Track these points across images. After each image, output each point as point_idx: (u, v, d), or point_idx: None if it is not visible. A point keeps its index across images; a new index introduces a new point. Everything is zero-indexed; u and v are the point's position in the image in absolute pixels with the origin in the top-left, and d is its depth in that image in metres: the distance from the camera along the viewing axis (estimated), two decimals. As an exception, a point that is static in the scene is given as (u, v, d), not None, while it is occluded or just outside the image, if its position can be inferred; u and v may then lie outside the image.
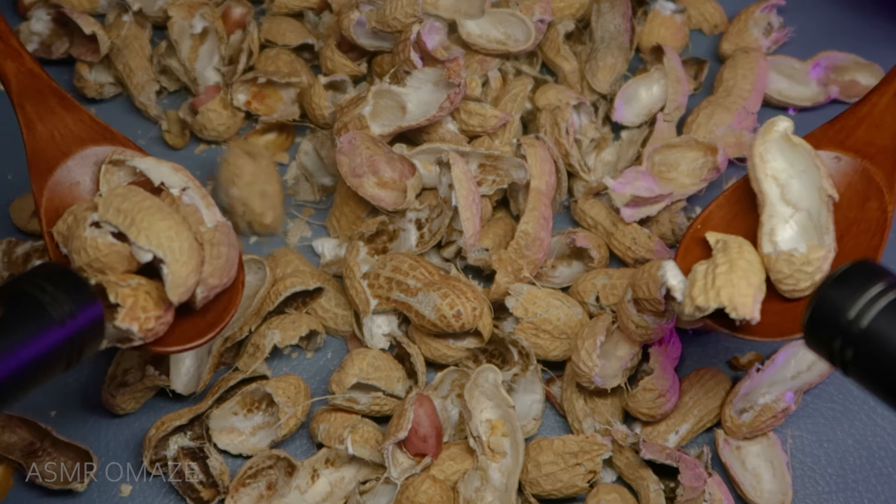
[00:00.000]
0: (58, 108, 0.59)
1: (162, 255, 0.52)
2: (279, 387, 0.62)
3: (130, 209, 0.52)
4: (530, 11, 0.72)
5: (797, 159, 0.56)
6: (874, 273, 0.46)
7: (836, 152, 0.57)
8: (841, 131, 0.58)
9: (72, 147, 0.58)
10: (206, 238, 0.54)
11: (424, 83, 0.67)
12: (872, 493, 0.61)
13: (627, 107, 0.72)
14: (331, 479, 0.61)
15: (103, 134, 0.59)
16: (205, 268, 0.54)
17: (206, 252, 0.54)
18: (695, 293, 0.52)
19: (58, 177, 0.57)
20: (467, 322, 0.61)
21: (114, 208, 0.53)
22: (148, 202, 0.53)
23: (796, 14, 0.78)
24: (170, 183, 0.56)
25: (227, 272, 0.55)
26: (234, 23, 0.76)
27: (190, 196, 0.55)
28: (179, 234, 0.52)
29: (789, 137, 0.56)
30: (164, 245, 0.52)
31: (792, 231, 0.55)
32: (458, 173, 0.62)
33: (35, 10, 0.76)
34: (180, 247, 0.52)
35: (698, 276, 0.53)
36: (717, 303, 0.52)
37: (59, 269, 0.50)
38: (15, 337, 0.46)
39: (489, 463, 0.59)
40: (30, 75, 0.60)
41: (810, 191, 0.55)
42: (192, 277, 0.53)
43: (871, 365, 0.44)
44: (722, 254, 0.54)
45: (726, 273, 0.52)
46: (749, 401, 0.61)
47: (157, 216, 0.52)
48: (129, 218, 0.52)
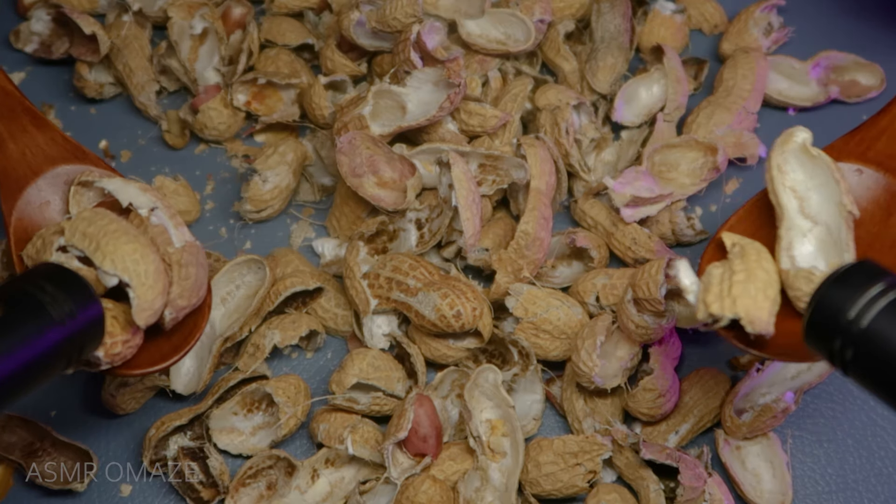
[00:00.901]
0: (30, 126, 0.59)
1: (127, 279, 0.51)
2: (279, 387, 0.62)
3: (95, 233, 0.52)
4: (530, 11, 0.72)
5: (816, 171, 0.54)
6: (874, 273, 0.46)
7: (858, 165, 0.56)
8: (861, 143, 0.57)
9: (43, 166, 0.57)
10: (174, 259, 0.54)
11: (424, 83, 0.67)
12: (872, 493, 0.61)
13: (627, 107, 0.72)
14: (331, 479, 0.61)
15: (75, 153, 0.59)
16: (173, 289, 0.53)
17: (174, 273, 0.53)
18: (709, 299, 0.51)
19: (28, 196, 0.57)
20: (467, 322, 0.61)
21: (79, 233, 0.52)
22: (113, 225, 0.52)
23: (796, 14, 0.78)
24: (138, 203, 0.55)
25: (195, 293, 0.54)
26: (234, 23, 0.76)
27: (158, 216, 0.55)
28: (145, 257, 0.52)
29: (808, 149, 0.54)
30: (130, 269, 0.51)
31: (810, 246, 0.53)
32: (458, 173, 0.62)
33: (35, 10, 0.76)
34: (146, 270, 0.52)
35: (713, 280, 0.51)
36: (732, 313, 0.50)
37: (59, 269, 0.50)
38: (15, 337, 0.46)
39: (489, 463, 0.59)
40: (2, 93, 0.59)
41: (829, 205, 0.54)
42: (159, 300, 0.52)
43: (871, 365, 0.44)
44: (739, 260, 0.52)
45: (743, 282, 0.51)
46: (749, 401, 0.61)
47: (123, 239, 0.52)
48: (95, 242, 0.52)
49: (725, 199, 0.71)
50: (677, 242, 0.69)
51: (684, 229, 0.68)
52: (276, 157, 0.70)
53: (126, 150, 0.74)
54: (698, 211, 0.71)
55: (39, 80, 0.77)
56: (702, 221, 0.70)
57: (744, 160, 0.70)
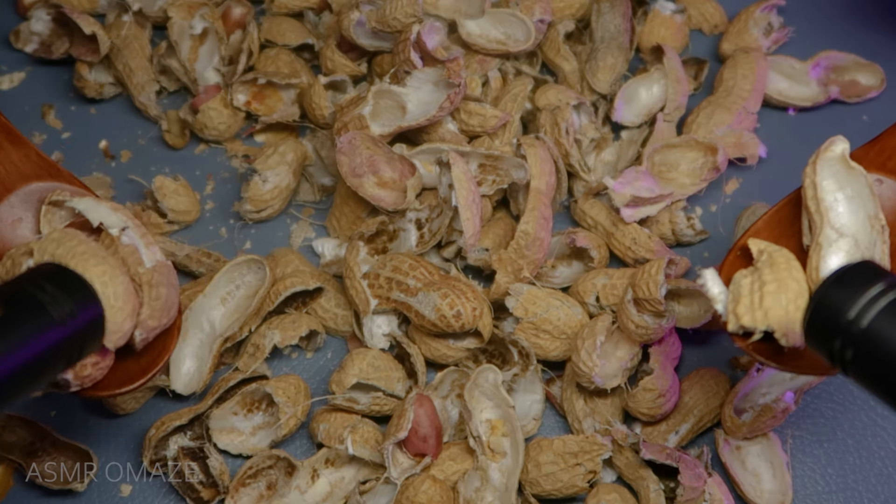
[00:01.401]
0: (4, 142, 0.58)
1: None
2: (279, 387, 0.62)
3: (64, 255, 0.51)
4: (530, 11, 0.72)
5: (850, 183, 0.53)
6: (874, 273, 0.46)
7: (878, 175, 0.55)
8: (882, 153, 0.56)
9: (15, 183, 0.57)
10: (144, 279, 0.53)
11: (424, 83, 0.67)
12: (872, 493, 0.61)
13: (627, 107, 0.72)
14: (331, 479, 0.61)
15: (49, 171, 0.58)
16: (143, 310, 0.53)
17: (145, 293, 0.53)
18: (740, 311, 0.49)
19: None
20: (467, 322, 0.61)
21: (48, 254, 0.52)
22: (82, 247, 0.52)
23: (796, 14, 0.78)
24: (108, 223, 0.55)
25: (166, 313, 0.54)
26: (234, 23, 0.76)
27: (129, 236, 0.54)
28: (114, 279, 0.51)
29: (846, 160, 0.53)
30: (99, 291, 0.51)
31: (836, 258, 0.51)
32: (458, 173, 0.62)
33: (35, 10, 0.76)
34: (115, 292, 0.51)
35: (743, 290, 0.50)
36: (765, 325, 0.49)
37: (59, 269, 0.50)
38: (15, 337, 0.46)
39: (489, 463, 0.59)
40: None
41: (858, 216, 0.53)
42: (129, 322, 0.52)
43: (870, 365, 0.44)
44: (769, 269, 0.51)
45: (775, 293, 0.49)
46: (749, 401, 0.61)
47: (91, 261, 0.51)
48: (64, 264, 0.51)
49: (725, 199, 0.71)
50: (677, 242, 0.69)
51: (684, 229, 0.68)
52: (276, 157, 0.70)
53: (126, 150, 0.74)
54: (698, 211, 0.71)
55: (39, 80, 0.77)
56: (702, 221, 0.70)
57: (744, 160, 0.70)
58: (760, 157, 0.70)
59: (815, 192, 0.53)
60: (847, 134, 0.60)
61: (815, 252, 0.52)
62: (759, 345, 0.50)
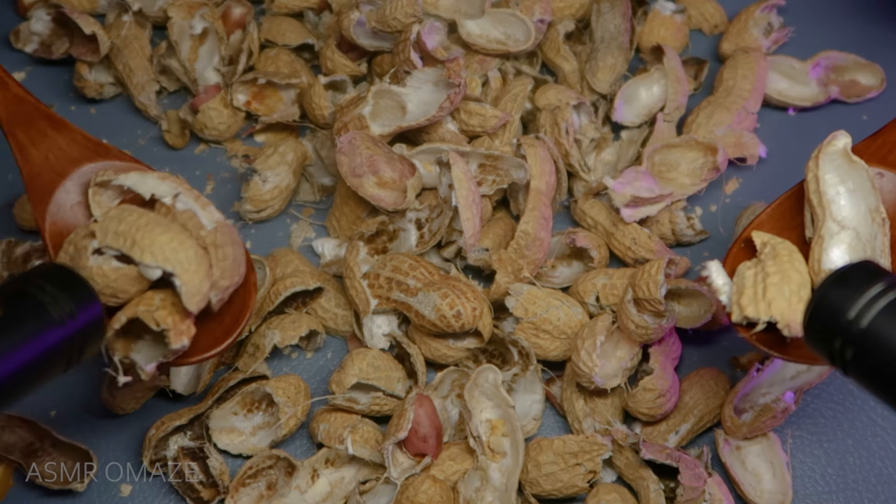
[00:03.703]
0: (49, 130, 0.58)
1: (171, 268, 0.51)
2: (279, 387, 0.62)
3: (128, 230, 0.52)
4: (530, 11, 0.72)
5: (851, 176, 0.54)
6: (874, 273, 0.46)
7: (879, 168, 0.56)
8: (883, 146, 0.56)
9: (67, 168, 0.57)
10: (208, 241, 0.54)
11: (424, 83, 0.67)
12: (872, 493, 0.61)
13: (627, 107, 0.72)
14: (331, 479, 0.61)
15: (97, 150, 0.58)
16: (213, 271, 0.53)
17: (212, 255, 0.53)
18: (744, 302, 0.51)
19: (58, 200, 0.56)
20: (467, 322, 0.61)
21: (111, 232, 0.52)
22: (144, 219, 0.52)
23: (796, 14, 0.78)
24: (160, 193, 0.55)
25: (236, 271, 0.54)
26: (234, 23, 0.76)
27: (183, 201, 0.55)
28: (183, 244, 0.52)
29: (848, 154, 0.54)
30: (171, 258, 0.51)
31: (838, 251, 0.53)
32: (458, 173, 0.62)
33: (35, 10, 0.76)
34: (187, 256, 0.52)
35: (747, 282, 0.51)
36: (768, 316, 0.50)
37: (59, 269, 0.50)
38: (15, 337, 0.46)
39: (489, 463, 0.59)
40: (17, 101, 0.59)
41: (859, 210, 0.54)
42: (206, 283, 0.52)
43: (870, 365, 0.44)
44: (772, 261, 0.52)
45: (778, 285, 0.50)
46: (749, 401, 0.61)
47: (157, 231, 0.52)
48: (130, 239, 0.52)
49: (725, 199, 0.71)
50: (677, 242, 0.69)
51: (684, 229, 0.68)
52: (276, 157, 0.70)
53: (126, 150, 0.74)
54: (698, 211, 0.71)
55: (39, 80, 0.77)
56: (702, 221, 0.70)
57: (744, 160, 0.70)
58: (760, 157, 0.70)
59: (818, 185, 0.54)
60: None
61: (817, 244, 0.53)
62: (763, 335, 0.51)
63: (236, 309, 0.55)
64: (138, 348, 0.53)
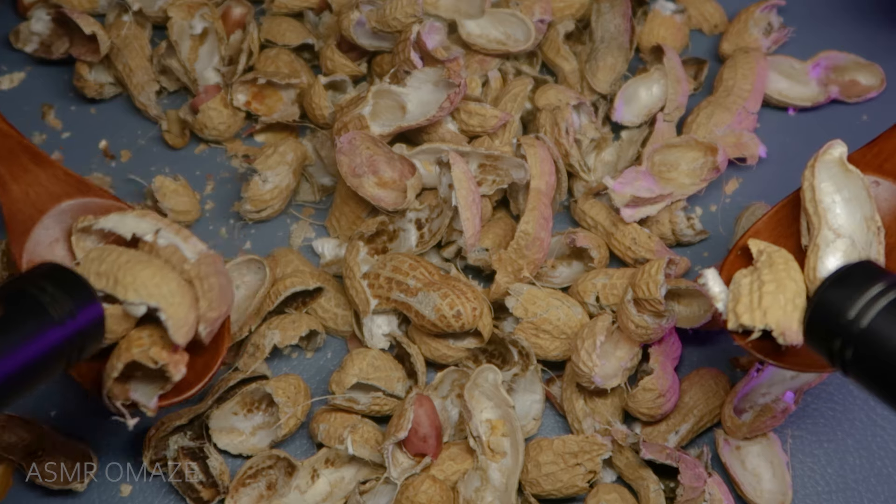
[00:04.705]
0: (30, 165, 0.58)
1: (155, 303, 0.51)
2: (279, 387, 0.62)
3: (109, 269, 0.52)
4: (530, 11, 0.72)
5: (847, 185, 0.54)
6: (874, 273, 0.46)
7: (875, 177, 0.56)
8: (879, 155, 0.57)
9: (47, 204, 0.57)
10: (192, 274, 0.53)
11: (424, 83, 0.67)
12: (872, 493, 0.61)
13: (627, 107, 0.72)
14: (331, 479, 0.61)
15: (78, 187, 0.58)
16: (201, 304, 0.53)
17: (197, 287, 0.53)
18: (739, 309, 0.51)
19: (36, 237, 0.56)
20: (467, 322, 0.61)
21: (93, 274, 0.52)
22: (124, 257, 0.52)
23: (796, 14, 0.78)
24: (141, 231, 0.55)
25: (224, 301, 0.54)
26: (234, 23, 0.76)
27: (165, 237, 0.55)
28: (165, 278, 0.52)
29: (844, 163, 0.54)
30: (154, 293, 0.51)
31: (834, 259, 0.53)
32: (458, 173, 0.62)
33: (35, 10, 0.76)
34: (170, 289, 0.51)
35: (743, 290, 0.52)
36: (763, 324, 0.50)
37: (59, 269, 0.50)
38: (15, 337, 0.46)
39: (489, 463, 0.59)
40: (0, 136, 0.59)
41: (855, 218, 0.54)
42: (192, 314, 0.52)
43: (870, 365, 0.44)
44: (768, 269, 0.52)
45: (773, 293, 0.51)
46: (749, 401, 0.61)
47: (138, 267, 0.52)
48: (112, 278, 0.52)
49: (725, 199, 0.71)
50: (677, 242, 0.69)
51: (684, 229, 0.68)
52: (276, 157, 0.70)
53: (126, 150, 0.74)
54: (698, 211, 0.71)
55: (39, 80, 0.77)
56: (702, 221, 0.70)
57: (744, 160, 0.70)
58: (760, 157, 0.70)
59: (814, 194, 0.54)
60: (847, 134, 0.60)
61: (812, 252, 0.53)
62: (758, 343, 0.51)
63: (215, 339, 0.55)
64: (134, 387, 0.53)
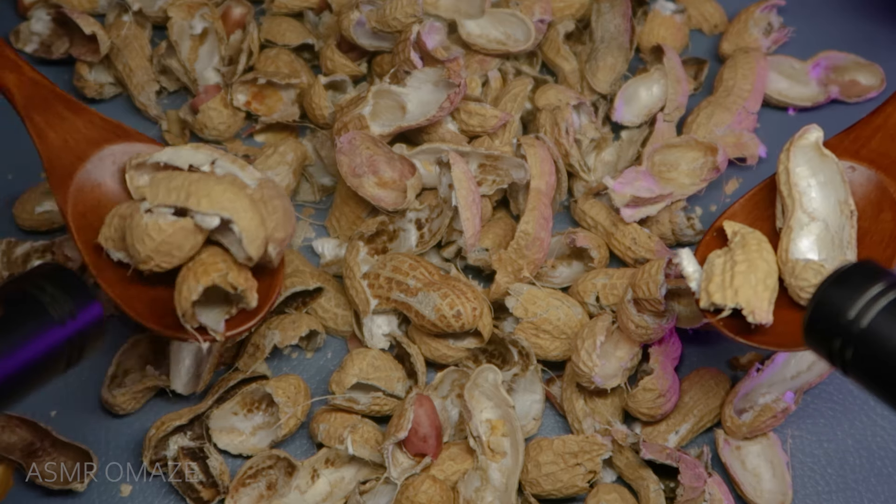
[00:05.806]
0: (66, 112, 0.58)
1: (228, 215, 0.52)
2: (279, 387, 0.62)
3: (182, 184, 0.52)
4: (530, 11, 0.72)
5: (822, 169, 0.55)
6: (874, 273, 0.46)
7: (851, 162, 0.57)
8: (856, 141, 0.58)
9: (87, 150, 0.57)
10: (255, 198, 0.54)
11: (424, 83, 0.67)
12: (872, 493, 0.61)
13: (627, 107, 0.72)
14: (331, 479, 0.61)
15: (115, 132, 0.59)
16: (267, 224, 0.54)
17: (262, 209, 0.54)
18: (712, 288, 0.53)
19: (79, 182, 0.56)
20: (467, 322, 0.61)
21: (164, 189, 0.53)
22: (195, 175, 0.53)
23: (796, 14, 0.79)
24: (197, 162, 0.55)
25: (288, 222, 0.55)
26: (234, 23, 0.76)
27: (222, 166, 0.55)
28: (237, 194, 0.53)
29: (820, 147, 0.56)
30: (228, 206, 0.52)
31: (807, 241, 0.55)
32: (458, 173, 0.62)
33: (35, 10, 0.76)
34: (243, 205, 0.52)
35: (716, 269, 0.53)
36: (734, 303, 0.52)
37: (59, 269, 0.50)
38: (15, 337, 0.46)
39: (489, 463, 0.59)
40: (32, 85, 0.59)
41: (829, 202, 0.55)
42: (262, 230, 0.53)
43: (870, 365, 0.44)
44: (741, 250, 0.54)
45: (745, 273, 0.52)
46: (749, 401, 0.61)
47: (211, 182, 0.52)
48: (184, 191, 0.52)
49: (725, 199, 0.71)
50: (677, 242, 0.69)
51: (684, 229, 0.68)
52: (276, 157, 0.70)
53: (126, 150, 0.74)
54: (698, 211, 0.71)
55: (39, 80, 0.77)
56: (702, 221, 0.70)
57: (744, 160, 0.70)
58: (760, 157, 0.70)
59: (789, 177, 0.56)
60: (847, 134, 0.60)
61: (785, 234, 0.55)
62: (729, 321, 0.53)
63: (270, 274, 0.56)
64: (198, 314, 0.54)
